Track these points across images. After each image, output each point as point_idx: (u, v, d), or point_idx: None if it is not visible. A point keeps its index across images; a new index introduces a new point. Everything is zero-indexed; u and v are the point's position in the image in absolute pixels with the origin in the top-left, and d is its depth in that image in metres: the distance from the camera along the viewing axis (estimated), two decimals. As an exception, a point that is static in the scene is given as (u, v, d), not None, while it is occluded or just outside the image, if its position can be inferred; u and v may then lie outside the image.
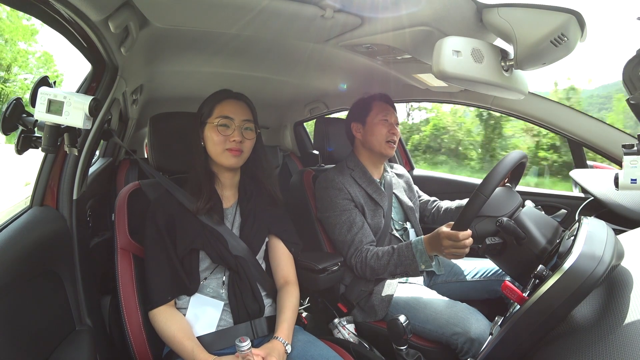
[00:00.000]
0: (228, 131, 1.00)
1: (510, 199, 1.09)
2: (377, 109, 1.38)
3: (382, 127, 1.35)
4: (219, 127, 1.00)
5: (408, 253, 1.14)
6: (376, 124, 1.36)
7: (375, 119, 1.36)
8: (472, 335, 1.06)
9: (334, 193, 1.30)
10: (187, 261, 0.97)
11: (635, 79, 0.82)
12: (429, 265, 1.14)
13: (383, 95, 1.43)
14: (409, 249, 1.15)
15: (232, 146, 1.00)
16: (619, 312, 0.55)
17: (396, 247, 1.19)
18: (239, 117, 1.01)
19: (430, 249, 1.11)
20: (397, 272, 1.17)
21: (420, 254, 1.12)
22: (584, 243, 0.64)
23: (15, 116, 0.79)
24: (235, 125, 1.00)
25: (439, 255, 1.11)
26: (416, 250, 1.13)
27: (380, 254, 1.20)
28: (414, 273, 1.17)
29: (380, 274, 1.20)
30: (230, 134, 1.00)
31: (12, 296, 0.71)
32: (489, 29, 0.85)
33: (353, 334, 1.21)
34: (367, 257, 1.22)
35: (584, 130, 1.33)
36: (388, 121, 1.36)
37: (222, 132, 1.00)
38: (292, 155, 2.52)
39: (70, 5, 0.70)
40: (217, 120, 1.00)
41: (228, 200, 1.07)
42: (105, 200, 1.65)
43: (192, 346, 0.87)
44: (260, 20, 0.95)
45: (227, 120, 1.00)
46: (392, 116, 1.39)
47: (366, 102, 1.41)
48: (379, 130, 1.35)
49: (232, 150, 1.00)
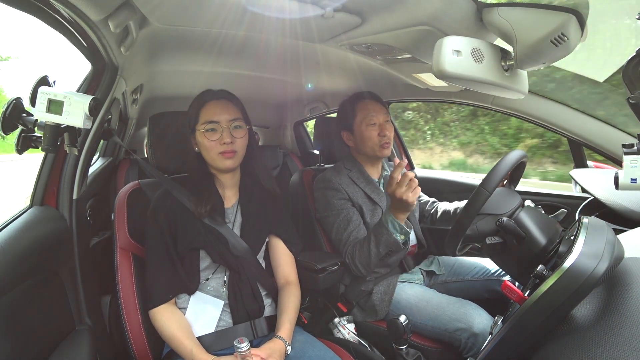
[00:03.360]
0: (216, 135, 0.98)
1: (510, 199, 1.09)
2: (361, 114, 1.31)
3: (371, 132, 1.29)
4: (207, 133, 0.98)
5: (380, 228, 1.15)
6: (364, 130, 1.30)
7: (362, 126, 1.30)
8: (475, 330, 1.06)
9: (332, 193, 1.30)
10: (187, 260, 0.97)
11: (635, 78, 0.82)
12: (406, 233, 1.14)
13: (364, 94, 1.36)
14: (381, 224, 1.15)
15: (224, 149, 0.98)
16: (619, 312, 0.55)
17: (372, 229, 1.20)
18: (225, 118, 0.99)
19: (395, 212, 1.12)
20: (380, 252, 1.15)
21: (391, 223, 1.13)
22: (584, 243, 0.64)
23: (15, 116, 0.79)
24: (222, 128, 0.98)
25: (404, 210, 1.11)
26: (386, 221, 1.14)
27: (361, 241, 1.21)
28: (396, 246, 1.14)
29: (368, 262, 1.18)
30: (219, 137, 0.98)
31: (12, 296, 0.71)
32: (489, 29, 0.85)
33: (353, 333, 1.21)
34: (354, 250, 1.22)
35: (584, 130, 1.33)
36: (376, 123, 1.29)
37: (211, 138, 0.98)
38: (292, 155, 2.52)
39: (70, 5, 0.70)
40: (203, 127, 0.98)
41: (229, 200, 1.07)
42: (105, 200, 1.65)
43: (192, 346, 0.87)
44: (260, 20, 0.95)
45: (213, 125, 0.98)
46: (379, 115, 1.30)
47: (350, 107, 1.34)
48: (369, 135, 1.29)
49: (225, 153, 0.99)
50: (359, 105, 1.33)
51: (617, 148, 1.25)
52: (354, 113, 1.33)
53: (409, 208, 1.09)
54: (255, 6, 0.86)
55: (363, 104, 1.33)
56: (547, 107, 1.38)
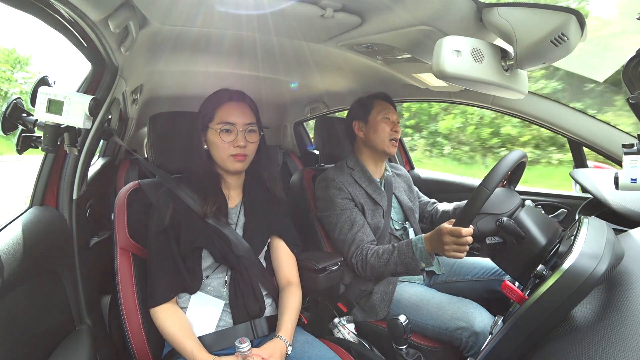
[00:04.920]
0: (231, 137, 0.98)
1: (511, 199, 1.09)
2: (379, 107, 1.38)
3: (385, 125, 1.35)
4: (222, 133, 0.98)
5: (408, 251, 1.14)
6: (379, 122, 1.35)
7: (377, 117, 1.36)
8: (476, 328, 1.06)
9: (334, 192, 1.30)
10: (189, 259, 0.96)
11: (635, 78, 0.82)
12: (430, 264, 1.14)
13: (383, 94, 1.43)
14: (409, 247, 1.14)
15: (237, 152, 0.98)
16: (619, 312, 0.55)
17: (396, 245, 1.18)
18: (242, 121, 0.99)
19: (430, 247, 1.11)
20: (397, 270, 1.17)
21: (420, 252, 1.12)
22: (584, 243, 0.64)
23: (15, 116, 0.79)
24: (238, 131, 0.98)
25: (439, 253, 1.10)
26: (416, 248, 1.13)
27: (380, 252, 1.20)
28: (414, 271, 1.16)
29: (380, 272, 1.20)
30: (234, 139, 0.98)
31: (12, 296, 0.71)
32: (489, 29, 0.85)
33: (353, 333, 1.21)
34: (368, 255, 1.22)
35: (584, 130, 1.33)
36: (390, 119, 1.36)
37: (225, 139, 0.98)
38: (292, 155, 2.52)
39: (70, 5, 0.70)
40: (219, 126, 0.98)
41: (233, 200, 1.07)
42: (105, 200, 1.65)
43: (193, 345, 0.87)
44: (261, 20, 0.95)
45: (230, 126, 0.98)
46: (394, 115, 1.39)
47: (367, 101, 1.41)
48: (382, 127, 1.35)
49: (236, 156, 0.98)
50: (378, 101, 1.40)
51: (617, 148, 1.25)
52: (371, 105, 1.39)
53: (445, 255, 1.07)
54: (256, 6, 0.86)
55: (382, 101, 1.40)
56: (547, 107, 1.38)
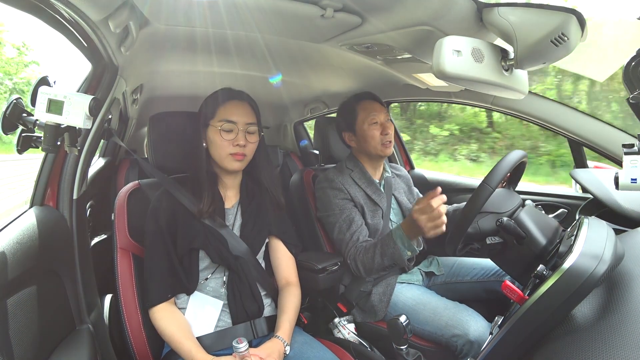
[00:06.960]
0: (231, 135, 0.98)
1: (511, 199, 1.09)
2: (363, 114, 1.31)
3: (373, 131, 1.30)
4: (222, 132, 0.98)
5: (389, 241, 1.14)
6: (366, 130, 1.30)
7: (364, 125, 1.30)
8: (470, 337, 1.05)
9: (334, 193, 1.30)
10: (186, 260, 0.96)
11: (635, 78, 0.82)
12: (414, 251, 1.13)
13: (364, 94, 1.37)
14: (390, 237, 1.14)
15: (236, 151, 0.98)
16: (619, 312, 0.55)
17: (380, 238, 1.19)
18: (243, 121, 0.99)
19: (408, 231, 1.11)
20: (384, 263, 1.15)
21: (401, 239, 1.12)
22: (584, 243, 0.64)
23: (15, 116, 0.79)
24: (239, 130, 0.99)
25: (421, 235, 1.09)
26: (396, 236, 1.13)
27: (367, 247, 1.20)
28: (401, 262, 1.15)
29: (370, 267, 1.19)
30: (234, 138, 0.98)
31: (13, 296, 0.71)
32: (489, 29, 0.85)
33: (353, 333, 1.21)
34: (357, 252, 1.22)
35: (584, 130, 1.33)
36: (378, 122, 1.30)
37: (225, 137, 0.98)
38: (292, 155, 2.52)
39: (70, 5, 0.70)
40: (220, 124, 0.98)
41: (230, 201, 1.07)
42: (105, 200, 1.65)
43: (191, 345, 0.87)
44: (260, 20, 0.95)
45: (231, 125, 0.98)
46: (381, 114, 1.32)
47: (350, 108, 1.35)
48: (372, 135, 1.30)
49: (236, 155, 0.99)
50: (360, 105, 1.34)
51: (617, 148, 1.25)
52: (355, 113, 1.33)
53: (426, 234, 1.06)
54: (256, 6, 0.86)
55: (364, 104, 1.34)
56: (547, 107, 1.38)
